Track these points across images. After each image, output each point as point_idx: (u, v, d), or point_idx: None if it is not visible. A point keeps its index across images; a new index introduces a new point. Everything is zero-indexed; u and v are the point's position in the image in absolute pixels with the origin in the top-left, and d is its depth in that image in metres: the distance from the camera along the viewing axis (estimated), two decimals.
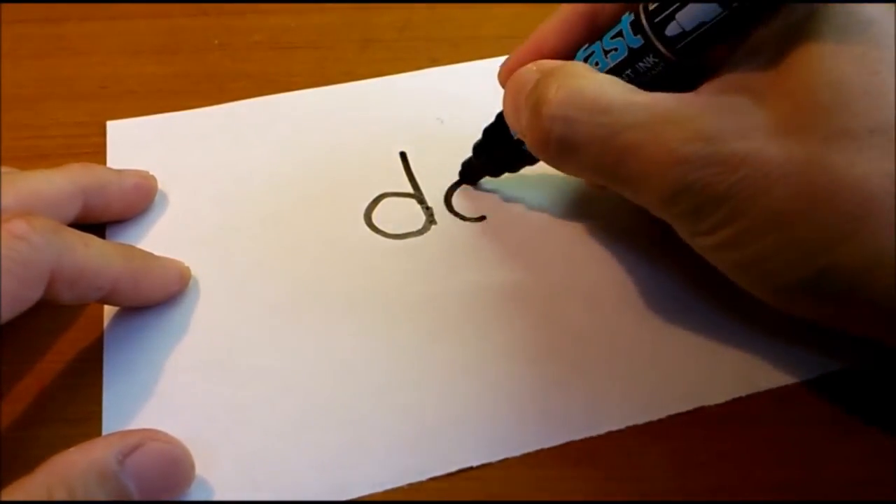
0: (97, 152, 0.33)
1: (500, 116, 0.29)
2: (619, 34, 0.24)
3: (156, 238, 0.30)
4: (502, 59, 0.29)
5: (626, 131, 0.23)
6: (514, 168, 0.30)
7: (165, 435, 0.23)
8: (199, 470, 0.23)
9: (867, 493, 0.23)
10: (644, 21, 0.24)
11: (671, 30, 0.23)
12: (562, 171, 0.26)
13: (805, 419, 0.25)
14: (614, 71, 0.25)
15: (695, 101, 0.23)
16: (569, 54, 0.27)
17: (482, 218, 0.30)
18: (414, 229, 0.30)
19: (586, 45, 0.26)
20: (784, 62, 0.22)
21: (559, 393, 0.25)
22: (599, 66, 0.25)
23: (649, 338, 0.26)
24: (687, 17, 0.23)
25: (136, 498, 0.21)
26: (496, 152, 0.30)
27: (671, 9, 0.23)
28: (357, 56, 0.37)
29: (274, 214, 0.30)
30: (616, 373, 0.26)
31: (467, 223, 0.30)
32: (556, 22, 0.27)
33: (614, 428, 0.24)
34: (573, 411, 0.25)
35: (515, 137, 0.28)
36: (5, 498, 0.20)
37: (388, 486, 0.23)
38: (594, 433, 0.24)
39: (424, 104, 0.35)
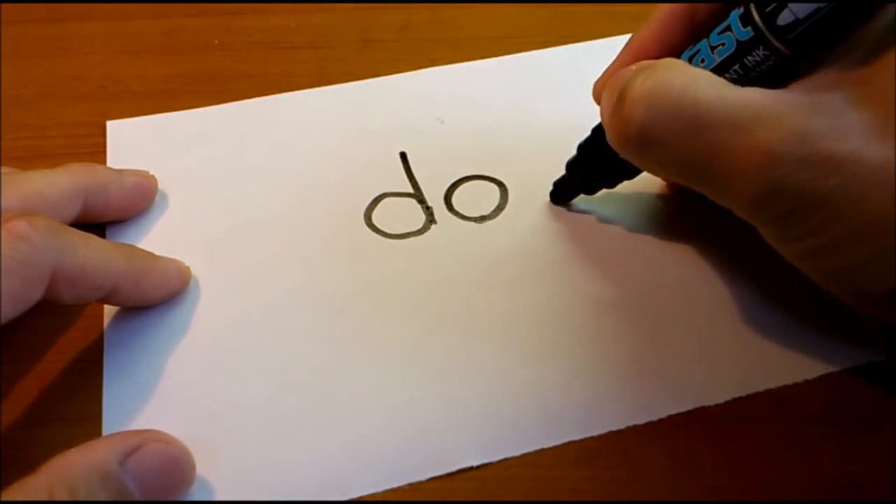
0: (97, 152, 0.33)
1: (595, 129, 0.28)
2: (728, 28, 0.24)
3: (156, 238, 0.30)
4: (502, 59, 0.28)
5: (715, 127, 0.22)
6: (612, 182, 0.29)
7: (166, 435, 0.23)
8: (200, 470, 0.23)
9: (866, 493, 0.23)
10: (754, 10, 0.23)
11: (783, 18, 0.22)
12: (646, 168, 0.25)
13: (805, 419, 0.25)
14: (721, 66, 0.24)
15: (786, 98, 0.22)
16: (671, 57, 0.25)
17: (482, 217, 0.30)
18: (414, 229, 0.30)
19: (691, 46, 0.25)
20: (879, 62, 0.21)
21: (559, 393, 0.25)
22: (706, 62, 0.24)
23: (649, 338, 0.26)
24: (801, 4, 0.22)
25: (138, 498, 0.21)
26: (593, 166, 0.29)
27: None
28: (357, 56, 0.37)
29: (274, 214, 0.30)
30: (616, 373, 0.26)
31: (467, 223, 0.30)
32: (653, 26, 0.26)
33: (614, 428, 0.24)
34: (573, 411, 0.25)
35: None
36: (6, 498, 0.20)
37: (388, 486, 0.23)
38: (594, 433, 0.24)
39: (424, 104, 0.35)
